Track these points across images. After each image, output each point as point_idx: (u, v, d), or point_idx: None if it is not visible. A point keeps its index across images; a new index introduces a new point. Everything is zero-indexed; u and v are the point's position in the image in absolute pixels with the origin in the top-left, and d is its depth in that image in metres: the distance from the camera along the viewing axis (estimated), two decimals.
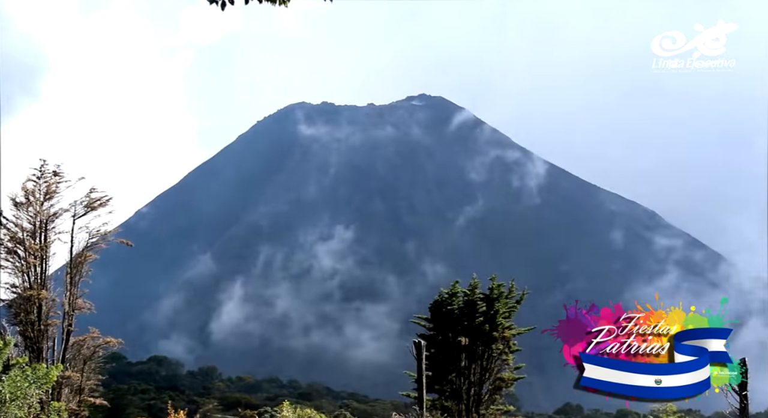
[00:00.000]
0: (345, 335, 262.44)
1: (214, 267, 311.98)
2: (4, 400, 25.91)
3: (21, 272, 36.62)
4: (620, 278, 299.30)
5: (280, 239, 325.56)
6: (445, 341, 42.19)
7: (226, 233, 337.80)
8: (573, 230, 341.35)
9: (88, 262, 38.24)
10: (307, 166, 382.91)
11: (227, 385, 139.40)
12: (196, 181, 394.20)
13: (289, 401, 42.48)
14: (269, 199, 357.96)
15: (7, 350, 27.41)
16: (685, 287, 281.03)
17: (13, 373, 26.69)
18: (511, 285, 42.98)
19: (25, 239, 36.80)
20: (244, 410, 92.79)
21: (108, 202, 39.06)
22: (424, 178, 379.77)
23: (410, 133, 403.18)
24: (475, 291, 42.73)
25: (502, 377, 41.76)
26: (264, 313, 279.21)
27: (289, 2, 10.45)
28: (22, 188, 37.48)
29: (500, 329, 41.57)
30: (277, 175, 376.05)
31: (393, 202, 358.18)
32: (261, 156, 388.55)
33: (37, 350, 35.80)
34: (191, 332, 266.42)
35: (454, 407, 41.21)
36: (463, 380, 41.74)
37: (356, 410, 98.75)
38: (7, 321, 35.63)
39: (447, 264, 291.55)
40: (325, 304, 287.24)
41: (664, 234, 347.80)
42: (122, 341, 39.74)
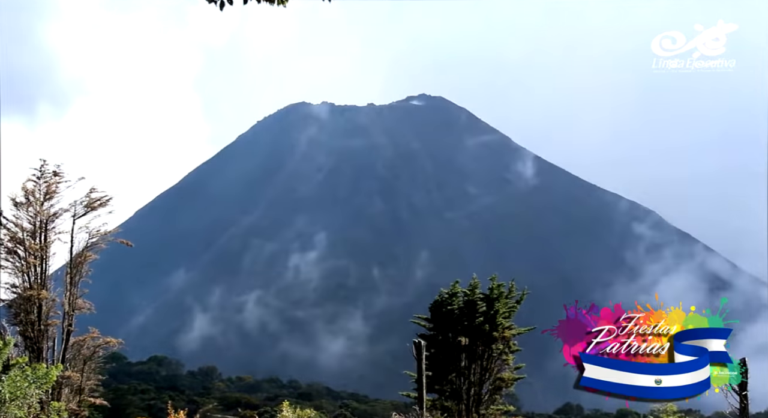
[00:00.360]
0: (345, 336, 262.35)
1: (211, 267, 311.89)
2: (3, 400, 25.90)
3: (21, 272, 36.62)
4: (621, 278, 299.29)
5: (279, 239, 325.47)
6: (445, 341, 42.21)
7: (226, 233, 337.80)
8: (573, 229, 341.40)
9: (88, 262, 38.24)
10: (307, 166, 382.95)
11: (227, 385, 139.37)
12: (196, 181, 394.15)
13: (289, 401, 42.41)
14: (269, 199, 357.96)
15: (7, 350, 27.40)
16: (686, 287, 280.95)
17: (13, 373, 26.68)
18: (511, 285, 43.02)
19: (25, 239, 36.79)
20: (244, 410, 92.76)
21: (108, 202, 39.10)
22: (424, 178, 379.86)
23: (410, 133, 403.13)
24: (475, 291, 42.77)
25: (502, 377, 41.77)
26: (265, 313, 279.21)
27: (288, 2, 10.46)
28: (22, 188, 37.50)
29: (500, 329, 41.58)
30: (276, 175, 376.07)
31: (393, 202, 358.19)
32: (261, 156, 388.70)
33: (37, 350, 35.79)
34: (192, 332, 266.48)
35: (454, 407, 41.21)
36: (463, 380, 41.75)
37: (356, 410, 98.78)
38: (7, 321, 35.63)
39: (448, 264, 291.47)
40: (325, 304, 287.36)
41: (663, 234, 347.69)
42: (122, 340, 39.75)
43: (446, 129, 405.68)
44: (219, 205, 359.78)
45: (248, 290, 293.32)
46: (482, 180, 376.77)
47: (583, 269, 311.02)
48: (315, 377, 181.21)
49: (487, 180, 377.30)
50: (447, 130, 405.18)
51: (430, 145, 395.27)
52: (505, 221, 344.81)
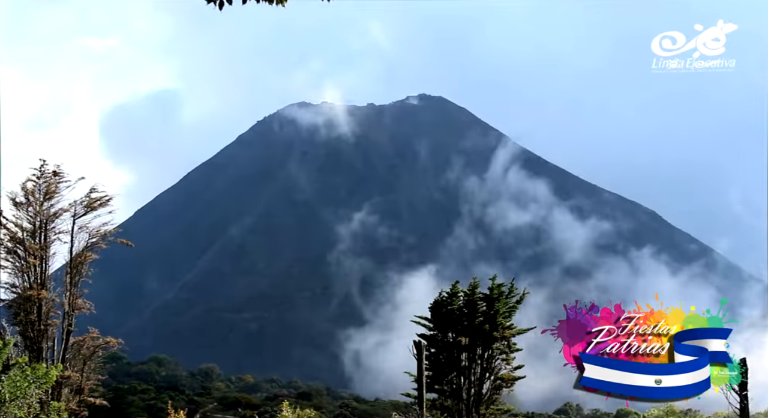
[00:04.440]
0: (346, 335, 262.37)
1: (214, 266, 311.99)
2: (3, 400, 25.92)
3: (21, 272, 36.64)
4: (621, 278, 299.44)
5: (279, 238, 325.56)
6: (445, 340, 42.27)
7: (226, 233, 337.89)
8: (572, 229, 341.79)
9: (88, 262, 38.27)
10: (306, 166, 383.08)
11: (227, 385, 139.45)
12: (197, 181, 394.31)
13: (289, 401, 42.43)
14: (269, 199, 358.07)
15: (7, 350, 27.42)
16: (687, 287, 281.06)
17: (13, 373, 26.69)
18: (511, 285, 43.08)
19: (25, 239, 36.82)
20: (244, 410, 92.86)
21: (108, 203, 39.14)
22: (424, 178, 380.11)
23: (410, 133, 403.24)
24: (475, 291, 42.84)
25: (502, 376, 41.82)
26: (265, 312, 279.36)
27: (287, 2, 10.46)
28: (22, 188, 37.53)
29: (500, 329, 41.65)
30: (276, 176, 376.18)
31: (393, 202, 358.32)
32: (261, 156, 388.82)
33: (37, 350, 35.81)
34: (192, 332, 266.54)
35: (454, 406, 41.27)
36: (463, 380, 41.80)
37: (356, 410, 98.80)
38: (7, 321, 35.65)
39: (448, 264, 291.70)
40: (327, 302, 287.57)
41: (664, 234, 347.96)
42: (122, 340, 39.77)
43: (446, 129, 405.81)
44: (219, 205, 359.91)
45: (250, 290, 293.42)
46: (482, 180, 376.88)
47: (584, 268, 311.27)
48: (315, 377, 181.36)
49: (486, 180, 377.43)
50: (447, 130, 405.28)
51: (430, 145, 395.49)
52: (505, 220, 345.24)
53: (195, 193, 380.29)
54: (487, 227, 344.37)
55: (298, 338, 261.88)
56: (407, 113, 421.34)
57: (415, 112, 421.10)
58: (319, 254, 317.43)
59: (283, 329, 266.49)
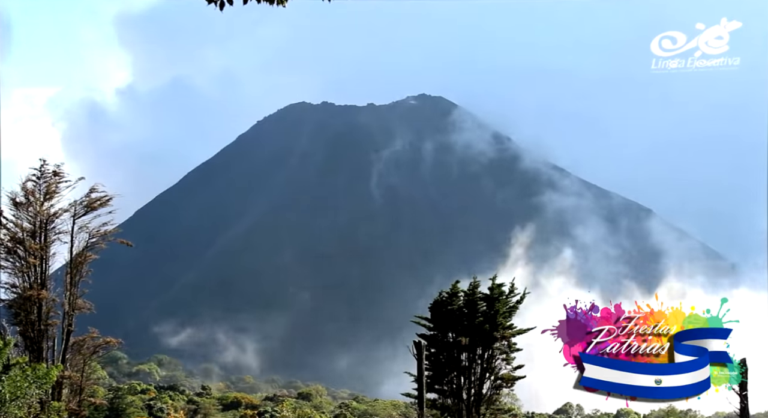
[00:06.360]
0: (345, 335, 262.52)
1: (211, 267, 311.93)
2: (4, 400, 25.92)
3: (21, 272, 36.62)
4: (621, 278, 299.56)
5: (279, 238, 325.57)
6: (445, 340, 42.26)
7: (226, 234, 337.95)
8: (572, 230, 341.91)
9: (88, 262, 38.25)
10: (306, 166, 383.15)
11: (227, 385, 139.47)
12: (196, 181, 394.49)
13: (289, 401, 42.47)
14: (269, 199, 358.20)
15: (7, 350, 27.40)
16: (686, 287, 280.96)
17: (13, 373, 26.68)
18: (512, 285, 43.07)
19: (25, 239, 36.79)
20: (244, 410, 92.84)
21: (108, 203, 39.11)
22: (424, 178, 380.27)
23: (410, 133, 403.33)
24: (475, 291, 42.83)
25: (502, 376, 41.82)
26: (265, 312, 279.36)
27: (287, 2, 10.46)
28: (22, 188, 37.50)
29: (500, 329, 41.64)
30: (276, 176, 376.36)
31: (392, 202, 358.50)
32: (261, 156, 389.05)
33: (37, 350, 35.79)
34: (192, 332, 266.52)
35: (454, 406, 41.26)
36: (463, 380, 41.80)
37: (356, 410, 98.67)
38: (7, 321, 35.65)
39: (449, 264, 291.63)
40: (326, 303, 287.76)
41: (664, 234, 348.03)
42: (122, 340, 39.76)
43: (446, 129, 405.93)
44: (219, 205, 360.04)
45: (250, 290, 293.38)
46: (482, 180, 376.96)
47: (584, 268, 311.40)
48: (315, 377, 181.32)
49: (486, 180, 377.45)
50: (447, 130, 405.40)
51: (430, 144, 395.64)
52: (505, 220, 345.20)
53: (195, 193, 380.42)
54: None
55: (298, 338, 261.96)
56: (407, 113, 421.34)
57: (415, 112, 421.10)
58: (320, 253, 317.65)
59: (283, 329, 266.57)
